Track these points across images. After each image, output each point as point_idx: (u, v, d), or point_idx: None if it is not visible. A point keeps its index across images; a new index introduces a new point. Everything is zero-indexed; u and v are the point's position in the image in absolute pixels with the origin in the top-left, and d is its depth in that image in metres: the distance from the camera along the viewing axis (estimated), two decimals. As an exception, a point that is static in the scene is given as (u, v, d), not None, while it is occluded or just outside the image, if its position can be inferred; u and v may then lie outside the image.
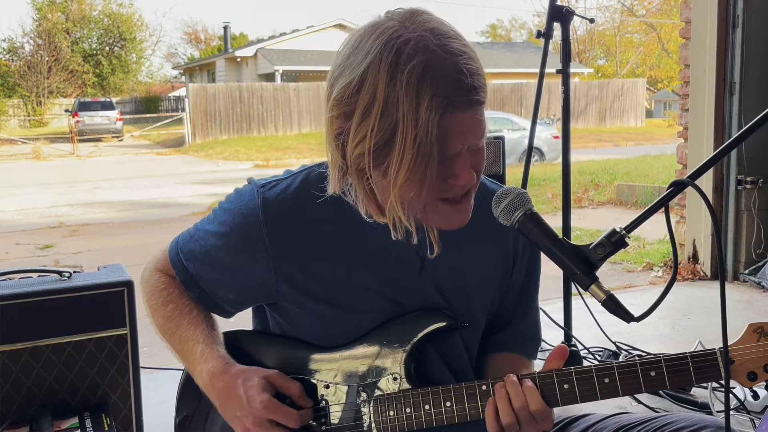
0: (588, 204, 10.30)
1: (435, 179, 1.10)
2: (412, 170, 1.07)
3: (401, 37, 1.06)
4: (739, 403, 2.58)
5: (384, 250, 1.25)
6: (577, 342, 3.19)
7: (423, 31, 1.07)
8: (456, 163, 1.11)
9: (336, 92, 1.10)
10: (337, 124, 1.12)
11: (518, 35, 54.82)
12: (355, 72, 1.08)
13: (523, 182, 3.11)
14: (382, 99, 1.05)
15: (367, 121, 1.07)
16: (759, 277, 4.50)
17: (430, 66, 1.04)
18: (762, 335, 1.15)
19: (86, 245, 8.09)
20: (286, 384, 1.24)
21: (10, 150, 23.45)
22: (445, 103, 1.05)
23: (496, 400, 1.17)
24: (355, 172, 1.13)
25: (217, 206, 1.33)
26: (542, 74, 3.05)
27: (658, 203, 1.13)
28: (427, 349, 1.28)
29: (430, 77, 1.04)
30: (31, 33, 37.96)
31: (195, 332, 1.30)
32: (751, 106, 4.45)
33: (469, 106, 1.07)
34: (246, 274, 1.27)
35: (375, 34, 1.08)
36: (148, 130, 27.36)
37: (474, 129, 1.10)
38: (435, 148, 1.06)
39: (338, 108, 1.10)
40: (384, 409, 1.24)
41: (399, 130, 1.05)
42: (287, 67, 29.03)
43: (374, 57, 1.06)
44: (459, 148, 1.10)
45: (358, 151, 1.09)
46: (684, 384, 1.17)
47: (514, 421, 1.15)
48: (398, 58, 1.05)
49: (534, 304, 1.43)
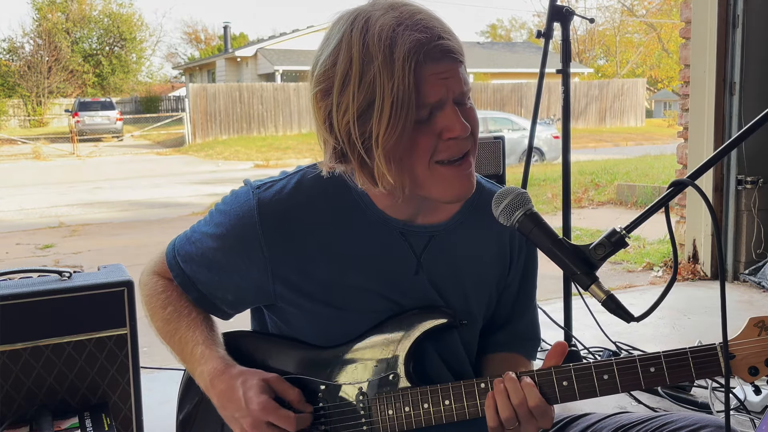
0: (588, 204, 10.30)
1: (426, 139, 1.12)
2: (393, 123, 1.09)
3: (370, 9, 1.12)
4: (739, 403, 2.58)
5: (380, 250, 1.25)
6: (577, 342, 3.19)
7: (390, 4, 1.13)
8: (444, 114, 1.12)
9: (317, 73, 1.14)
10: (322, 105, 1.15)
11: (518, 35, 54.87)
12: (330, 47, 1.13)
13: (523, 182, 3.11)
14: (358, 63, 1.09)
15: (347, 89, 1.10)
16: (759, 277, 4.50)
17: (399, 23, 1.09)
18: (763, 329, 1.14)
19: (86, 245, 8.09)
20: (285, 389, 1.24)
21: (10, 150, 23.45)
22: (416, 49, 1.08)
23: (495, 395, 1.17)
24: (348, 146, 1.14)
25: (214, 208, 1.33)
26: (542, 74, 3.05)
27: (658, 203, 1.13)
28: (426, 347, 1.28)
29: (401, 32, 1.08)
30: (31, 33, 38.00)
31: (194, 334, 1.30)
32: (751, 106, 4.45)
33: (442, 54, 1.10)
34: (242, 275, 1.27)
35: (345, 16, 1.15)
36: (148, 130, 27.36)
37: (455, 77, 1.12)
38: (412, 96, 1.08)
39: (318, 85, 1.14)
40: (383, 408, 1.24)
41: (377, 88, 1.08)
42: (287, 67, 29.04)
43: (345, 29, 1.12)
44: (440, 95, 1.11)
45: (345, 122, 1.12)
46: (684, 380, 1.16)
47: (512, 416, 1.15)
48: (368, 23, 1.10)
49: (532, 304, 1.43)
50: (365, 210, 1.25)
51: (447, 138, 1.13)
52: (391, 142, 1.10)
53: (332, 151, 1.17)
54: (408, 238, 1.26)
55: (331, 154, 1.17)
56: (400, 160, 1.13)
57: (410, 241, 1.27)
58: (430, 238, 1.28)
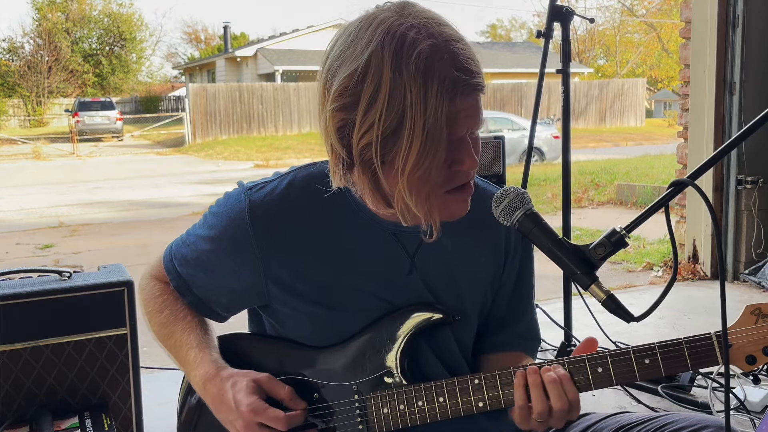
0: (588, 204, 10.30)
1: (441, 167, 1.10)
2: (421, 156, 1.07)
3: (402, 25, 1.07)
4: (739, 403, 2.58)
5: (373, 250, 1.25)
6: (577, 342, 3.19)
7: (422, 19, 1.08)
8: (461, 149, 1.12)
9: (337, 84, 1.09)
10: (339, 116, 1.10)
11: (518, 35, 54.87)
12: (357, 62, 1.07)
13: (523, 182, 3.11)
14: (389, 86, 1.05)
15: (373, 110, 1.06)
16: (759, 277, 4.50)
17: (435, 52, 1.05)
18: (760, 317, 1.12)
19: (86, 245, 8.09)
20: (275, 387, 1.23)
21: (10, 150, 23.45)
22: (452, 87, 1.06)
23: (531, 387, 1.15)
24: (361, 164, 1.12)
25: (208, 210, 1.33)
26: (542, 74, 3.05)
27: (658, 203, 1.13)
28: (420, 344, 1.28)
29: (437, 63, 1.05)
30: (31, 33, 37.99)
31: (189, 337, 1.30)
32: (751, 106, 4.45)
33: (473, 90, 1.09)
34: (236, 276, 1.27)
35: (373, 25, 1.08)
36: (148, 130, 27.36)
37: (477, 113, 1.11)
38: (444, 132, 1.07)
39: (341, 99, 1.09)
40: (378, 407, 1.24)
41: (407, 117, 1.05)
42: (287, 67, 29.04)
43: (377, 45, 1.06)
44: (463, 133, 1.11)
45: (365, 142, 1.08)
46: (680, 370, 1.15)
47: (546, 409, 1.14)
48: (402, 45, 1.05)
49: (530, 304, 1.43)
50: (357, 211, 1.25)
51: (455, 170, 1.13)
52: (418, 174, 1.08)
53: (340, 162, 1.14)
54: (400, 239, 1.26)
55: (338, 165, 1.15)
56: (422, 191, 1.12)
57: (403, 242, 1.26)
58: (423, 239, 1.28)
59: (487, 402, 1.20)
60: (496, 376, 1.20)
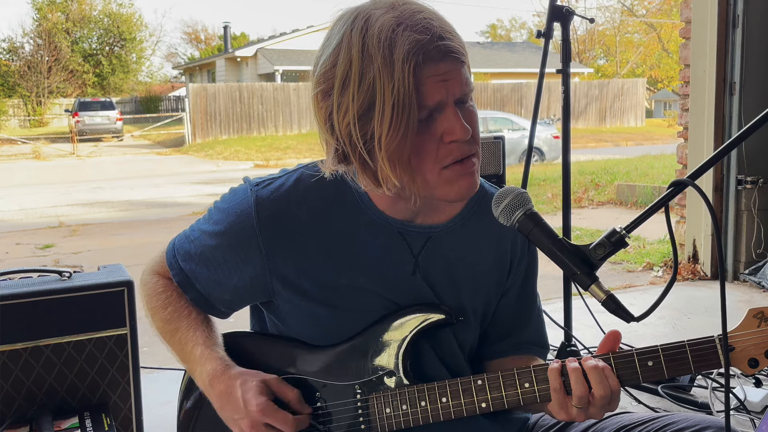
0: (588, 204, 10.30)
1: (427, 142, 1.11)
2: (395, 126, 1.08)
3: (370, 8, 1.11)
4: (739, 403, 2.58)
5: (378, 249, 1.25)
6: (577, 342, 3.19)
7: (391, 3, 1.11)
8: (444, 116, 1.11)
9: (317, 73, 1.13)
10: (323, 106, 1.14)
11: (518, 35, 54.86)
12: (330, 48, 1.12)
13: (523, 182, 3.11)
14: (358, 64, 1.08)
15: (347, 90, 1.09)
16: (759, 277, 4.50)
17: (399, 23, 1.08)
18: (762, 320, 1.13)
19: (86, 245, 8.09)
20: (283, 389, 1.24)
21: (10, 150, 23.45)
22: (417, 52, 1.07)
23: (570, 372, 1.14)
24: (349, 147, 1.13)
25: (213, 206, 1.33)
26: (542, 74, 3.05)
27: (658, 203, 1.13)
28: (422, 345, 1.28)
29: (401, 32, 1.07)
30: (31, 33, 37.97)
31: (194, 334, 1.30)
32: (751, 106, 4.45)
33: (442, 54, 1.09)
34: (240, 273, 1.27)
35: (346, 15, 1.14)
36: (148, 130, 27.36)
37: (456, 78, 1.11)
38: (413, 98, 1.07)
39: (319, 86, 1.13)
40: (380, 407, 1.24)
41: (377, 90, 1.07)
42: (287, 67, 29.03)
43: (345, 29, 1.11)
44: (441, 97, 1.10)
45: (345, 123, 1.11)
46: (683, 373, 1.15)
47: (586, 393, 1.13)
48: (367, 23, 1.09)
49: (535, 310, 1.41)
50: (364, 209, 1.25)
51: (448, 141, 1.12)
52: (393, 144, 1.09)
53: (334, 152, 1.16)
54: (406, 238, 1.26)
55: (333, 155, 1.17)
56: (408, 163, 1.12)
57: (408, 242, 1.26)
58: (428, 239, 1.27)
59: (491, 403, 1.20)
60: (499, 377, 1.20)
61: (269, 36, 36.35)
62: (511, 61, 32.43)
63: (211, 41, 54.18)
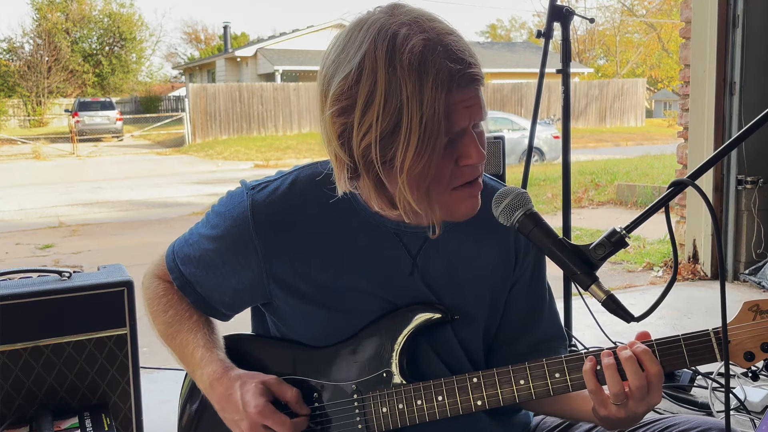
0: (588, 204, 10.30)
1: (444, 165, 1.10)
2: (420, 151, 1.06)
3: (393, 24, 1.07)
4: (739, 403, 2.58)
5: (375, 250, 1.25)
6: (577, 342, 3.19)
7: (413, 16, 1.09)
8: (464, 142, 1.11)
9: (333, 89, 1.09)
10: (338, 122, 1.10)
11: (518, 35, 54.87)
12: (351, 64, 1.07)
13: (523, 182, 3.11)
14: (384, 85, 1.05)
15: (370, 111, 1.06)
16: (759, 277, 4.50)
17: (428, 46, 1.05)
18: (758, 313, 1.12)
19: (86, 245, 8.09)
20: (283, 390, 1.24)
21: (10, 150, 23.45)
22: (448, 79, 1.05)
23: (604, 369, 1.13)
24: (364, 167, 1.11)
25: (210, 209, 1.33)
26: (542, 74, 3.05)
27: (658, 203, 1.13)
28: (420, 344, 1.28)
29: (431, 56, 1.05)
30: (31, 33, 37.96)
31: (195, 337, 1.31)
32: (751, 106, 4.45)
33: (470, 81, 1.08)
34: (239, 276, 1.28)
35: (365, 27, 1.09)
36: (148, 130, 27.36)
37: (477, 104, 1.10)
38: (442, 125, 1.06)
39: (338, 103, 1.09)
40: (377, 406, 1.24)
41: (404, 114, 1.05)
42: (287, 67, 29.04)
43: (369, 46, 1.06)
44: (465, 124, 1.10)
45: (365, 143, 1.08)
46: (678, 367, 1.15)
47: (621, 390, 1.12)
48: (394, 43, 1.05)
49: (547, 305, 1.40)
50: (360, 211, 1.25)
51: (463, 165, 1.12)
52: (417, 169, 1.08)
53: (344, 167, 1.14)
54: (403, 239, 1.26)
55: (343, 170, 1.14)
56: (428, 188, 1.11)
57: (405, 242, 1.26)
58: (426, 239, 1.27)
59: (486, 401, 1.20)
60: (494, 375, 1.20)
61: (269, 36, 36.38)
62: (511, 61, 32.42)
63: (211, 41, 54.20)
